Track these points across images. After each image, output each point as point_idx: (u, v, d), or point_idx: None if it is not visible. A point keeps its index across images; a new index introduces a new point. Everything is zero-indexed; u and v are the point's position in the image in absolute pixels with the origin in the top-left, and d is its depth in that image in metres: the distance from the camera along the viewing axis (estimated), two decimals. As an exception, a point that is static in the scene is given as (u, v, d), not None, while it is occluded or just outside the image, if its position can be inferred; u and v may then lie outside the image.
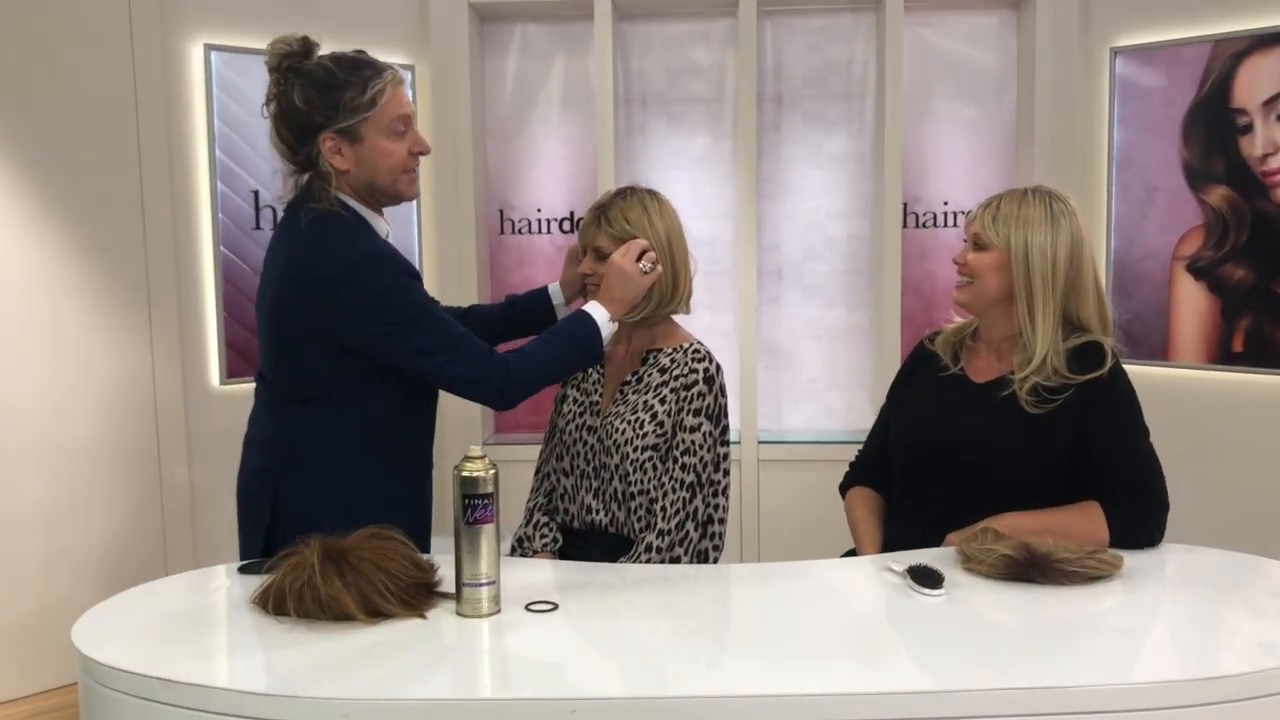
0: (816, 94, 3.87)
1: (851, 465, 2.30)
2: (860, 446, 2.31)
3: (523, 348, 2.05)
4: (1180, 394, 3.51)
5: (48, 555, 3.30)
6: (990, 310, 2.06)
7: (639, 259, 2.05)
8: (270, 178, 3.53)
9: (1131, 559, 1.79)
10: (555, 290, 2.33)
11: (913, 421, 2.12)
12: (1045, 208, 2.00)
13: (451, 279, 3.78)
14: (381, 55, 3.90)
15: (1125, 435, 1.95)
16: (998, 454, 1.97)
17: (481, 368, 1.96)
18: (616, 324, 2.07)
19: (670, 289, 2.13)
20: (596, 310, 2.04)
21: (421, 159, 2.03)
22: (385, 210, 2.07)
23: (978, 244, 2.05)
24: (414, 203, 3.73)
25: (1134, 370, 2.02)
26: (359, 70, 1.93)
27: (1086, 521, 1.90)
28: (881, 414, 2.27)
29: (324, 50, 1.98)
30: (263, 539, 2.00)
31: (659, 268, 2.08)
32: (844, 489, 2.28)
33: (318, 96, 1.90)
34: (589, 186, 3.82)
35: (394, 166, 1.96)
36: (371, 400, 1.98)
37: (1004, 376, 2.02)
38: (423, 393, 2.07)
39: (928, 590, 1.69)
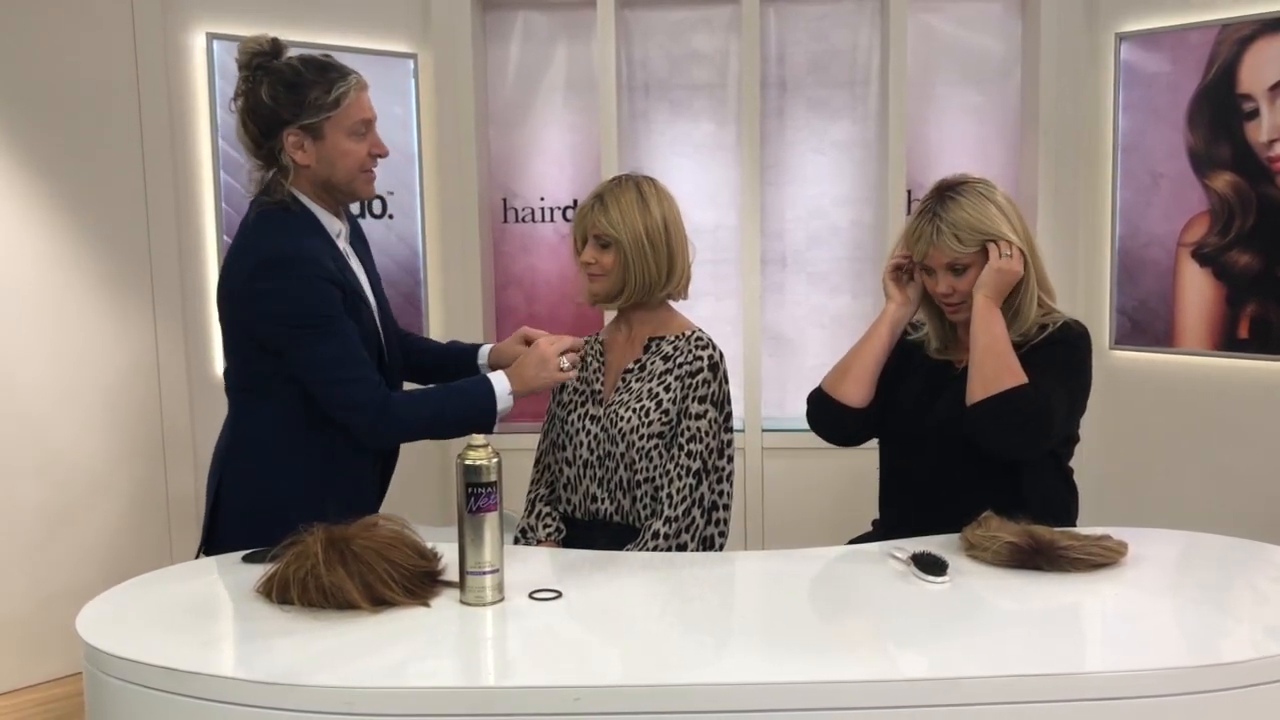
0: (820, 80, 3.85)
1: None
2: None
3: (415, 390, 2.06)
4: (1185, 381, 3.49)
5: (53, 544, 3.30)
6: None
7: (564, 353, 2.04)
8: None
9: (1136, 546, 1.78)
10: (484, 353, 2.30)
11: (899, 412, 2.16)
12: (990, 198, 2.02)
13: (455, 267, 3.78)
14: (383, 44, 3.88)
15: (1052, 378, 1.96)
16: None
17: (362, 396, 1.94)
18: (513, 400, 2.02)
19: (665, 274, 2.12)
20: (499, 380, 2.02)
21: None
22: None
23: (955, 269, 2.04)
24: (417, 191, 3.73)
25: (1139, 357, 2.01)
26: (325, 72, 2.00)
27: (1016, 374, 1.91)
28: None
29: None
30: (208, 517, 2.07)
31: (574, 372, 2.08)
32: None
33: (284, 93, 1.97)
34: (592, 174, 3.80)
35: (352, 166, 2.02)
36: (297, 396, 1.98)
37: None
38: None
39: (932, 577, 1.69)
